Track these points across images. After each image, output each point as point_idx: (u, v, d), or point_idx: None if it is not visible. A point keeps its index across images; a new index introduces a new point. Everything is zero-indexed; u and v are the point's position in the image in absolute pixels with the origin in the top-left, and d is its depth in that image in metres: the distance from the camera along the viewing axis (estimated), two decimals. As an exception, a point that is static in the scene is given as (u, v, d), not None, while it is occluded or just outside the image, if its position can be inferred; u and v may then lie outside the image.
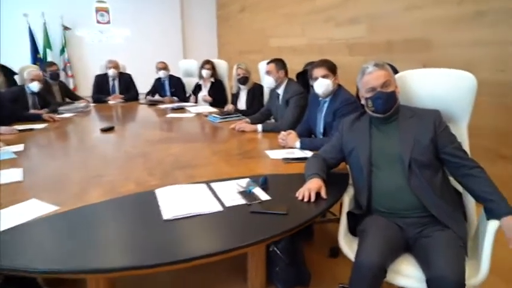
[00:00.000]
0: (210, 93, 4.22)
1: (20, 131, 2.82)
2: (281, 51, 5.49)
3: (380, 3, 3.61)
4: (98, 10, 6.80)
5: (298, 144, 2.13)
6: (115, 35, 6.94)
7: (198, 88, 4.38)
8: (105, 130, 2.75)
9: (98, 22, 6.82)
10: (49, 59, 6.30)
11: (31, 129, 2.88)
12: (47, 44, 6.38)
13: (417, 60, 3.21)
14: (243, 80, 3.40)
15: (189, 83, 4.79)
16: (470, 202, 1.56)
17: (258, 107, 3.38)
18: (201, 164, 1.89)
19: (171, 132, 2.75)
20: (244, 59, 6.60)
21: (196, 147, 2.25)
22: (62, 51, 6.54)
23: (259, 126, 2.63)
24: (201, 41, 7.65)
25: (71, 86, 6.54)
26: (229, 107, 3.38)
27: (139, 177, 1.70)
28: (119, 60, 4.93)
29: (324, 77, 2.15)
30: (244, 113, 3.29)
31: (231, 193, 1.46)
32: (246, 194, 1.45)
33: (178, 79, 4.77)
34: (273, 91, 2.96)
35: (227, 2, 7.25)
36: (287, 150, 2.13)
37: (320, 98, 2.26)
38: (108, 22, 6.89)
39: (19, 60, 5.46)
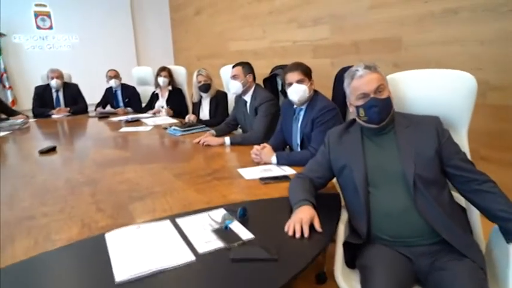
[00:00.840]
0: (168, 102, 3.87)
1: None
2: (242, 55, 5.23)
3: (343, 2, 3.46)
4: (37, 14, 6.16)
5: (274, 159, 1.87)
6: (59, 42, 6.33)
7: (155, 97, 4.00)
8: (44, 152, 2.34)
9: (39, 28, 6.18)
10: (-19, 69, 5.63)
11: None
12: (-22, 52, 5.66)
13: (387, 61, 3.07)
14: (205, 88, 3.09)
15: (144, 92, 4.39)
16: (475, 220, 1.37)
17: (222, 116, 3.10)
18: (163, 192, 1.56)
19: (126, 150, 2.37)
20: (204, 65, 6.29)
21: (156, 169, 1.91)
22: (-3, 60, 5.83)
23: (227, 139, 2.34)
24: (156, 47, 7.21)
25: (9, 99, 5.88)
26: (190, 117, 3.05)
27: (84, 215, 1.35)
28: (64, 70, 4.42)
29: (298, 82, 1.91)
30: (207, 123, 2.99)
31: (203, 232, 1.16)
32: (222, 232, 1.16)
33: (133, 88, 4.36)
34: (239, 98, 2.69)
35: (181, 5, 6.89)
36: (262, 166, 1.86)
37: (295, 106, 2.02)
38: (51, 27, 6.26)
39: None
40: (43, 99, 4.22)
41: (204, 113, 3.20)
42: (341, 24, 3.56)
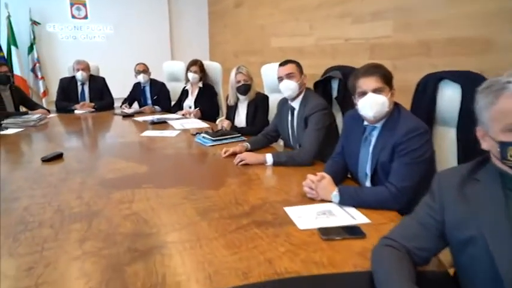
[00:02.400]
0: (197, 102, 3.42)
1: None
2: (284, 53, 4.71)
3: (414, -7, 2.86)
4: (73, 3, 5.93)
5: (336, 197, 1.34)
6: (94, 32, 6.08)
7: (184, 94, 3.57)
8: (48, 160, 1.94)
9: (74, 17, 5.95)
10: (15, 57, 5.45)
11: None
12: (12, 41, 5.48)
13: (468, 66, 2.45)
14: (244, 89, 2.60)
15: (175, 89, 3.98)
16: None
17: (262, 124, 2.59)
18: (179, 241, 1.09)
19: (143, 163, 1.92)
20: (241, 62, 5.76)
21: (175, 198, 1.44)
22: (31, 49, 5.64)
23: (269, 158, 1.83)
24: (191, 41, 6.82)
25: (41, 90, 5.69)
26: (223, 123, 2.57)
27: (58, 282, 0.89)
28: (95, 61, 4.10)
29: (376, 91, 1.37)
30: (243, 131, 2.50)
31: None
32: None
33: (162, 85, 3.95)
34: (283, 104, 2.17)
35: (221, -4, 6.46)
36: (319, 206, 1.34)
37: (365, 123, 1.48)
38: (86, 17, 6.02)
39: (-23, 59, 4.63)
40: (67, 92, 3.91)
41: (240, 119, 2.70)
42: (408, 19, 2.96)
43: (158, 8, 6.40)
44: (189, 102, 3.49)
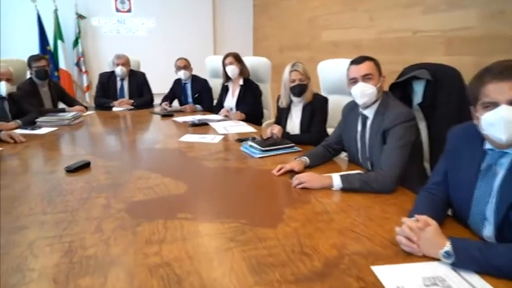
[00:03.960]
0: (239, 102, 3.07)
1: None
2: (338, 48, 4.25)
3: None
4: (118, -3, 5.81)
5: (449, 256, 0.91)
6: (136, 26, 5.93)
7: (224, 91, 3.24)
8: (72, 170, 1.66)
9: (118, 10, 5.82)
10: (60, 51, 5.42)
11: (-35, 161, 1.84)
12: (58, 35, 5.44)
13: None
14: (299, 89, 2.20)
15: (218, 86, 3.65)
16: None
17: (320, 132, 2.20)
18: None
19: (179, 180, 1.56)
20: (286, 57, 5.41)
21: (217, 239, 1.09)
22: (76, 43, 5.58)
23: (336, 180, 1.43)
24: (234, 36, 6.48)
25: (85, 84, 5.64)
26: (274, 129, 2.18)
27: None
28: (137, 56, 3.89)
29: (516, 101, 0.93)
30: (297, 140, 2.11)
31: None
32: None
33: (204, 81, 3.64)
34: (351, 110, 1.75)
35: (268, -12, 6.07)
36: (423, 265, 0.93)
37: (488, 147, 1.04)
38: (129, 10, 5.88)
39: (26, 53, 4.58)
40: (106, 87, 3.73)
41: (293, 124, 2.31)
42: (501, 6, 2.42)
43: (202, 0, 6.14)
44: (230, 102, 3.14)
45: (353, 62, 1.61)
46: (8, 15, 5.19)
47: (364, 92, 1.54)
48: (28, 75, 3.28)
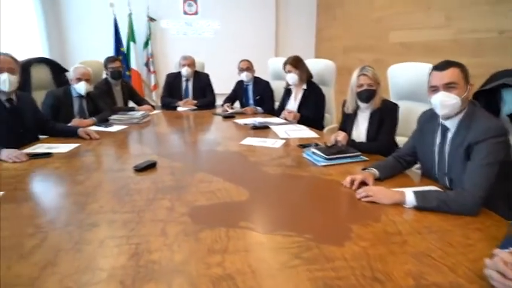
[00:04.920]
0: (301, 106, 2.99)
1: (32, 156, 1.94)
2: (407, 49, 3.99)
3: None
4: (185, 0, 6.03)
5: None
6: (202, 28, 6.10)
7: (286, 95, 3.18)
8: (140, 169, 1.72)
9: (185, 13, 6.05)
10: (132, 52, 5.78)
11: (48, 155, 1.99)
12: (131, 37, 5.80)
13: None
14: (367, 95, 2.07)
15: (280, 88, 3.61)
16: None
17: (387, 140, 2.06)
18: None
19: (240, 186, 1.55)
20: (350, 59, 5.22)
21: (281, 254, 1.04)
22: (146, 44, 5.90)
23: (410, 197, 1.30)
24: (297, 36, 6.40)
25: (152, 83, 5.94)
26: (339, 135, 2.07)
27: None
28: (202, 57, 3.99)
29: None
30: (364, 148, 1.99)
31: None
32: None
33: (266, 84, 3.63)
34: (430, 120, 1.60)
35: (333, -13, 5.89)
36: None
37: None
38: (196, 13, 6.07)
39: (102, 54, 4.95)
40: (172, 87, 3.86)
41: (359, 132, 2.18)
42: None
43: (265, 1, 6.14)
44: (292, 106, 3.07)
45: (435, 68, 1.45)
46: (88, 20, 5.64)
47: (444, 103, 1.39)
48: (104, 75, 3.51)
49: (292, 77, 2.95)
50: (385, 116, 2.09)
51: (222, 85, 4.11)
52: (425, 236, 1.14)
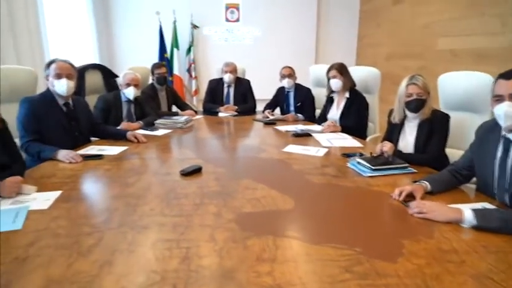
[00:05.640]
0: (343, 115, 2.94)
1: (86, 157, 2.05)
2: (457, 57, 3.81)
3: None
4: (228, 7, 6.16)
5: None
6: (243, 35, 6.20)
7: (329, 103, 3.13)
8: (186, 174, 1.77)
9: (227, 20, 6.18)
10: (175, 58, 5.97)
11: (100, 157, 2.09)
12: (175, 43, 6.00)
13: None
14: (416, 105, 2.00)
15: (321, 95, 3.58)
16: None
17: (436, 152, 1.97)
18: None
19: (285, 194, 1.53)
20: (394, 66, 5.07)
21: (330, 266, 1.02)
22: (188, 50, 6.09)
23: (469, 216, 1.22)
24: (337, 43, 6.33)
25: (193, 88, 6.10)
26: (385, 145, 2.01)
27: None
28: (241, 64, 4.05)
29: None
30: (412, 160, 1.92)
31: None
32: None
33: (307, 90, 3.61)
34: (490, 131, 1.51)
35: (377, -7, 5.77)
36: None
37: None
38: (238, 20, 6.18)
39: (147, 60, 5.15)
40: (214, 93, 3.95)
41: (406, 143, 2.11)
42: None
43: (307, 8, 6.13)
44: (334, 115, 3.03)
45: (502, 76, 1.36)
46: (136, 27, 5.91)
47: (509, 114, 1.31)
48: (150, 81, 3.65)
49: (336, 83, 2.91)
50: (436, 127, 2.00)
51: (262, 91, 4.14)
52: (484, 256, 1.08)
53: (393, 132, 2.18)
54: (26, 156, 2.04)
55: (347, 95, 2.94)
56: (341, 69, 2.92)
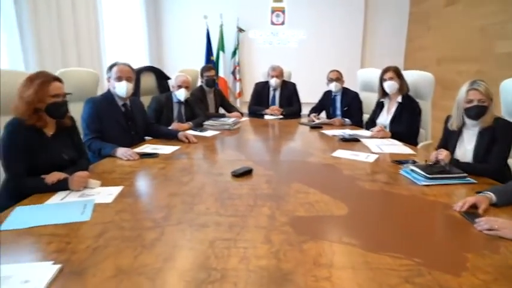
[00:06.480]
0: (394, 120, 2.85)
1: (142, 155, 2.16)
2: (517, 61, 3.58)
3: None
4: (273, 10, 6.20)
5: None
6: (288, 38, 6.21)
7: (379, 108, 3.05)
8: (237, 175, 1.81)
9: (273, 23, 6.22)
10: (221, 61, 6.11)
11: (155, 155, 2.19)
12: (221, 47, 6.14)
13: None
14: (477, 112, 1.90)
15: (367, 100, 3.51)
16: None
17: (500, 163, 1.87)
18: None
19: (338, 199, 1.53)
20: (445, 70, 4.85)
21: (390, 275, 1.01)
22: (234, 53, 6.20)
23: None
24: (384, 46, 6.16)
25: (237, 91, 6.20)
26: (441, 153, 1.93)
27: None
28: (286, 67, 4.07)
29: None
30: (469, 169, 1.83)
31: None
32: None
33: (355, 95, 3.54)
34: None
35: (428, -5, 5.55)
36: None
37: None
38: (283, 23, 6.21)
39: (193, 63, 5.32)
40: (260, 96, 3.99)
41: (464, 151, 2.01)
42: None
43: (354, 10, 6.02)
44: (384, 120, 2.95)
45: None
46: (184, 31, 6.12)
47: None
48: (199, 83, 3.77)
49: (392, 85, 2.83)
50: (499, 136, 1.89)
51: (306, 94, 4.13)
52: None
53: (450, 139, 2.09)
54: (88, 152, 2.18)
55: (399, 99, 2.86)
56: (398, 72, 2.84)
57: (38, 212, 1.38)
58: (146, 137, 2.68)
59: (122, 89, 2.30)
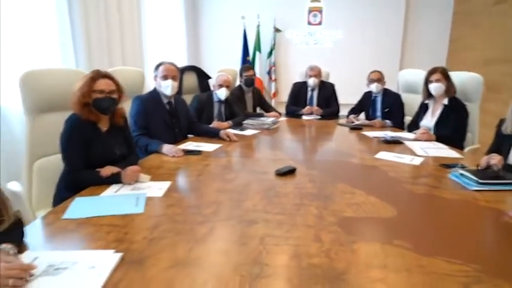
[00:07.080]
0: (439, 123, 2.75)
1: (186, 152, 2.22)
2: None
3: None
4: (311, 10, 6.17)
5: None
6: (325, 38, 6.16)
7: (422, 110, 2.96)
8: (281, 174, 1.82)
9: (309, 23, 6.19)
10: (257, 61, 6.15)
11: (198, 152, 2.25)
12: (257, 47, 6.18)
13: None
14: (536, 116, 1.81)
15: (409, 101, 3.42)
16: None
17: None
18: None
19: (386, 202, 1.49)
20: (493, 72, 4.61)
21: (446, 281, 0.98)
22: (270, 53, 6.22)
23: None
24: (425, 47, 5.96)
25: (272, 91, 6.23)
26: (494, 158, 1.84)
27: None
28: (324, 67, 4.04)
29: None
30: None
31: None
32: None
33: (396, 96, 3.46)
34: None
35: (475, -7, 5.30)
36: None
37: None
38: (320, 23, 6.16)
39: (230, 63, 5.40)
40: (298, 96, 3.98)
41: (518, 156, 1.92)
42: None
43: (394, 9, 5.87)
44: (428, 122, 2.85)
45: None
46: (222, 31, 6.22)
47: None
48: (237, 82, 3.82)
49: (439, 87, 2.73)
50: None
51: (344, 95, 4.08)
52: None
53: (503, 144, 2.00)
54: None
55: (445, 101, 2.76)
56: (446, 73, 2.75)
57: (96, 204, 1.45)
58: (188, 135, 2.75)
59: (168, 87, 2.38)
